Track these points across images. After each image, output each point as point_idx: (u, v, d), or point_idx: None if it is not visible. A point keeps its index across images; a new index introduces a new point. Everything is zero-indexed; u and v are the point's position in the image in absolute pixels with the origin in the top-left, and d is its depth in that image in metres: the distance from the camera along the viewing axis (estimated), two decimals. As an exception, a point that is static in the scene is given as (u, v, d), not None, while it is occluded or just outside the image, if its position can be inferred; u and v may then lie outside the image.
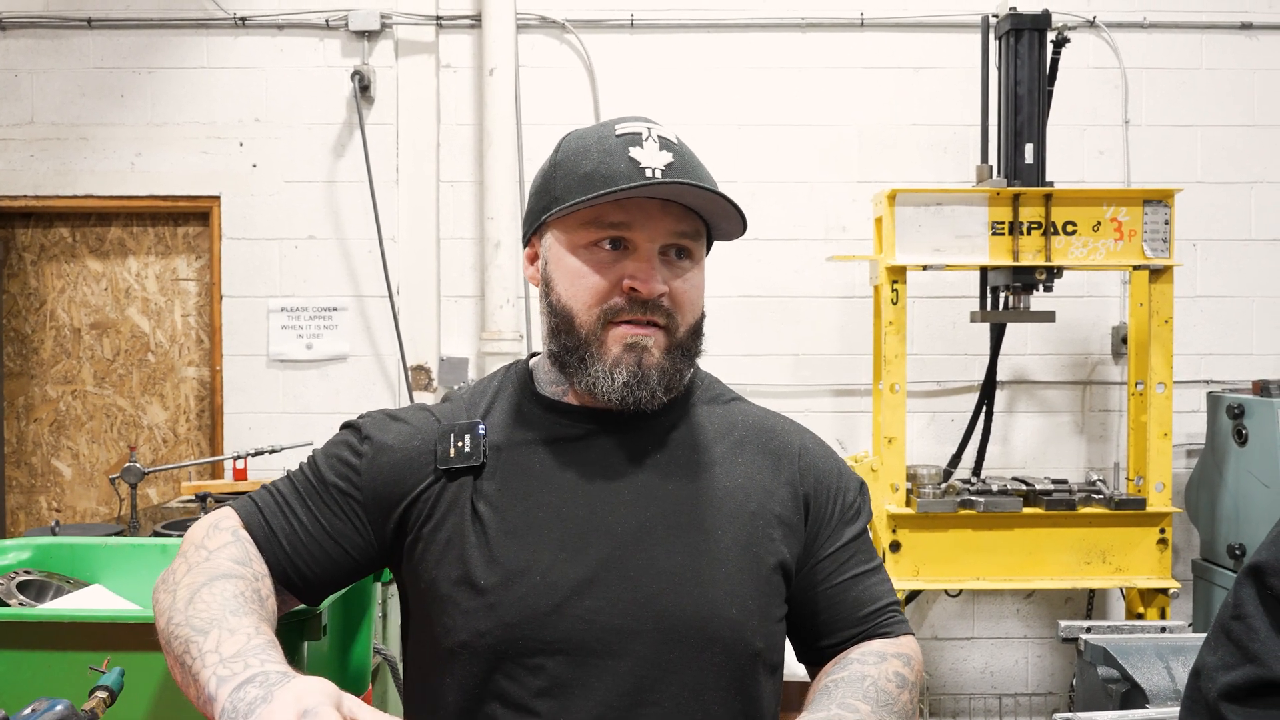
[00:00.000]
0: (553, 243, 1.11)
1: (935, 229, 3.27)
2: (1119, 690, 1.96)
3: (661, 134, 1.09)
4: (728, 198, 1.05)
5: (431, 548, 1.08)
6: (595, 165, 1.06)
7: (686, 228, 1.08)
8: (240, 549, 1.07)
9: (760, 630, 1.07)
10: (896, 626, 1.13)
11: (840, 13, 3.92)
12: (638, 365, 1.06)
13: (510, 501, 1.07)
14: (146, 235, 4.05)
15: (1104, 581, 3.38)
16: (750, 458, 1.14)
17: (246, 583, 1.02)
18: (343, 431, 1.17)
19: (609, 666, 1.02)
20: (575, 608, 1.03)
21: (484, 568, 1.04)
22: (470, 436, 1.10)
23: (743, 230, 1.11)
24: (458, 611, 1.04)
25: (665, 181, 1.03)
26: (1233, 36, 3.96)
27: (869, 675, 1.06)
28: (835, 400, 3.95)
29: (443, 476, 1.09)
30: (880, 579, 1.15)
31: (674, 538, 1.06)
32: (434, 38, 3.91)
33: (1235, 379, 3.88)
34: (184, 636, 0.94)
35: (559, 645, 1.02)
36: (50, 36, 3.91)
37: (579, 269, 1.08)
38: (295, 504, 1.11)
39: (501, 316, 3.81)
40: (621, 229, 1.06)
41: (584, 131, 1.13)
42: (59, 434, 4.07)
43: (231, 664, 0.88)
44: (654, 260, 1.06)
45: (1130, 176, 3.93)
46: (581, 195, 1.05)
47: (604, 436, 1.11)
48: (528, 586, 1.03)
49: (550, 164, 1.13)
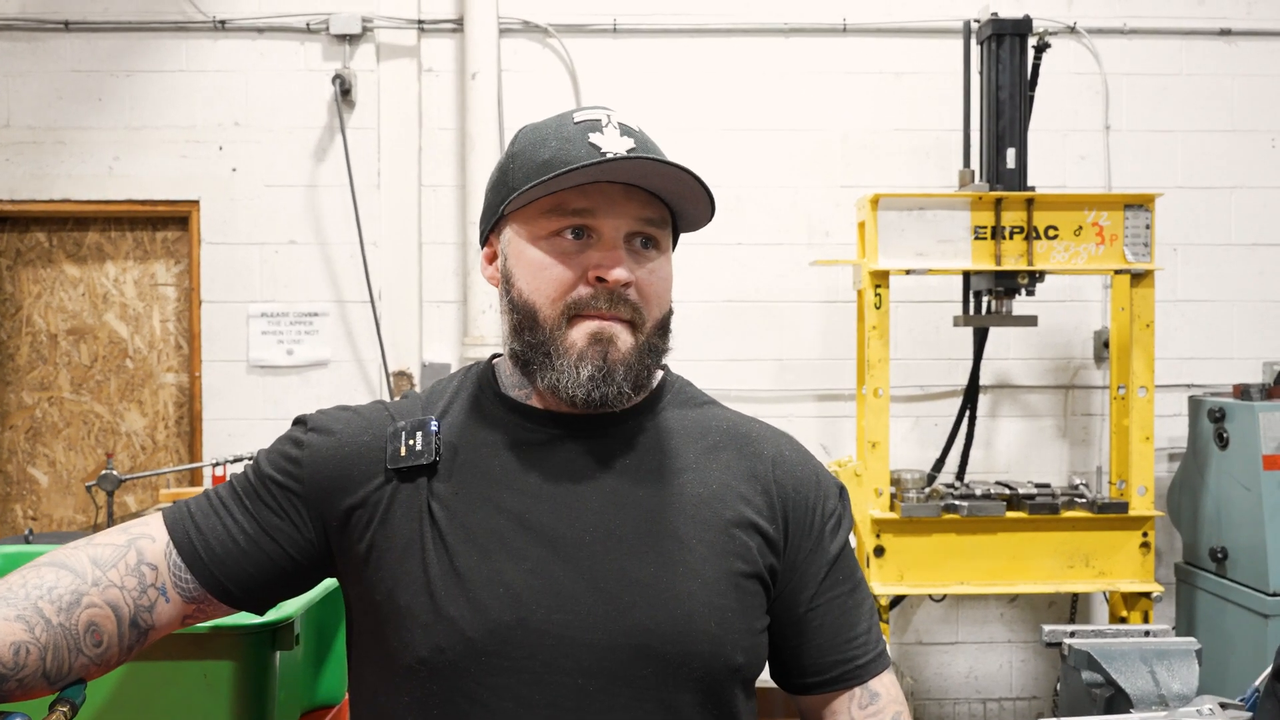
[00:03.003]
0: (512, 237, 1.06)
1: (918, 233, 3.28)
2: (1103, 695, 1.96)
3: (621, 120, 1.04)
4: (695, 175, 1.00)
5: (386, 556, 1.01)
6: (554, 152, 1.01)
7: (652, 214, 1.03)
8: (115, 554, 1.00)
9: (741, 644, 1.02)
10: (875, 662, 1.09)
11: (823, 18, 3.92)
12: (603, 359, 1.01)
13: (469, 507, 1.02)
14: (125, 240, 4.01)
15: (1087, 585, 3.38)
16: (725, 463, 1.08)
17: (71, 580, 0.96)
18: (291, 428, 1.12)
19: (578, 685, 0.96)
20: (542, 621, 0.96)
21: (444, 579, 0.98)
22: (421, 434, 1.04)
23: (711, 214, 1.06)
24: (416, 625, 0.97)
25: (628, 157, 0.99)
26: (1212, 43, 3.98)
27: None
28: (819, 405, 3.94)
29: (394, 477, 1.03)
30: (859, 600, 1.11)
31: (646, 547, 1.00)
32: (416, 42, 3.89)
33: (1216, 383, 3.90)
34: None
35: (525, 662, 0.96)
36: (26, 39, 3.87)
37: (541, 260, 1.02)
38: (232, 504, 1.05)
39: (484, 321, 3.79)
40: (584, 216, 1.01)
41: (540, 123, 1.07)
42: (35, 441, 4.02)
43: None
44: (620, 248, 1.01)
45: (1111, 181, 3.95)
46: (539, 179, 1.00)
47: (570, 441, 1.05)
48: (491, 599, 0.97)
49: (506, 157, 1.08)
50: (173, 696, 1.34)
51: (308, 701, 1.62)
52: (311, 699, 1.64)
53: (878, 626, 1.13)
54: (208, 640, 1.35)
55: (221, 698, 1.35)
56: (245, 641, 1.36)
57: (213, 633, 1.35)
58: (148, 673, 1.34)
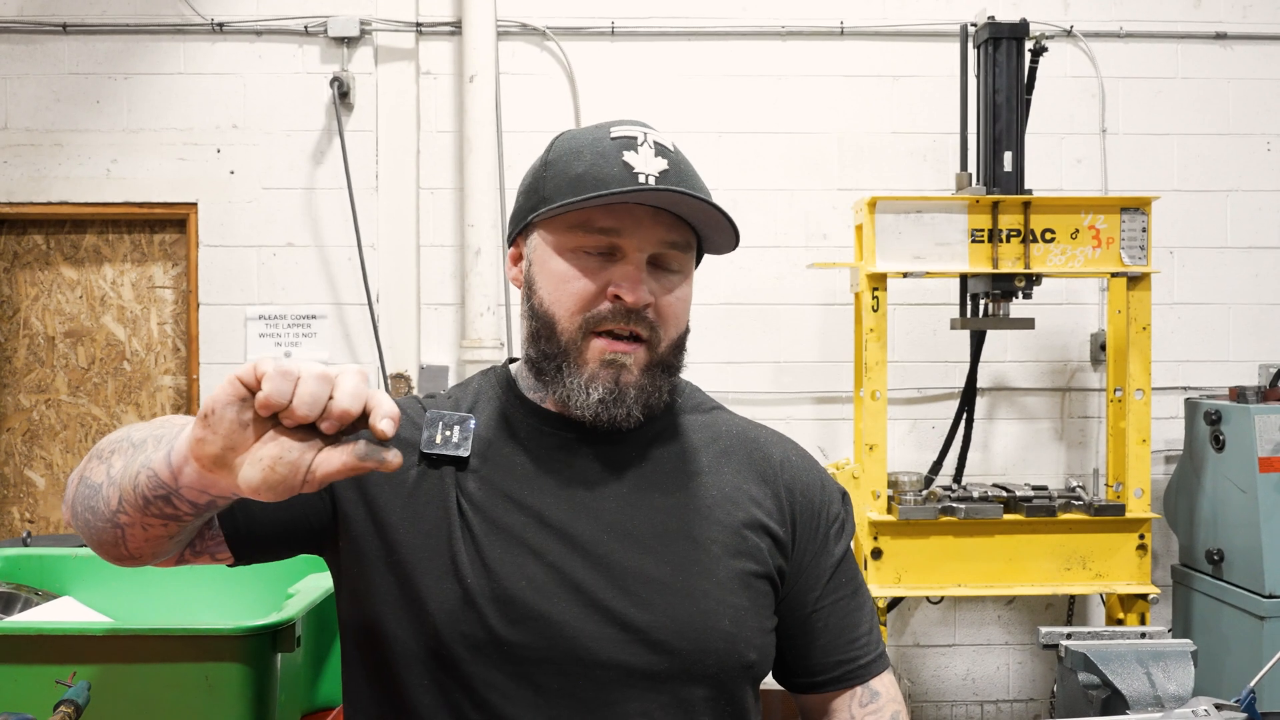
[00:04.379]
0: (539, 244, 1.08)
1: (915, 236, 3.28)
2: (1099, 696, 1.96)
3: (658, 139, 1.06)
4: (722, 209, 1.02)
5: (409, 536, 1.03)
6: (588, 167, 1.03)
7: (677, 238, 1.06)
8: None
9: (754, 642, 1.06)
10: (876, 663, 1.14)
11: (820, 21, 3.93)
12: (615, 382, 1.04)
13: (494, 503, 1.04)
14: (122, 242, 4.01)
15: (1084, 587, 3.39)
16: (735, 468, 1.12)
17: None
18: None
19: (595, 676, 1.00)
20: (562, 615, 1.00)
21: (471, 568, 1.01)
22: (460, 428, 1.06)
23: (734, 245, 1.09)
24: (441, 610, 1.00)
25: (658, 188, 1.00)
26: (1207, 46, 4.00)
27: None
28: (816, 407, 3.95)
29: (423, 460, 1.06)
30: (860, 602, 1.15)
31: (663, 547, 1.04)
32: (414, 44, 3.90)
33: (1212, 385, 3.91)
34: (106, 447, 0.91)
35: (545, 653, 1.00)
36: (24, 42, 3.87)
37: (565, 272, 1.04)
38: None
39: (482, 324, 3.79)
40: (611, 235, 1.03)
41: (578, 132, 1.10)
42: (32, 444, 4.01)
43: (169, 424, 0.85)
44: (642, 269, 1.04)
45: (1108, 184, 3.96)
46: (572, 197, 1.02)
47: (586, 445, 1.08)
48: (516, 592, 1.00)
49: (541, 163, 1.10)
50: (175, 699, 1.35)
51: (308, 703, 1.63)
52: (311, 701, 1.64)
53: (878, 627, 1.17)
54: (210, 643, 1.36)
55: (223, 700, 1.35)
56: (247, 644, 1.37)
57: (215, 635, 1.35)
58: (149, 675, 1.34)
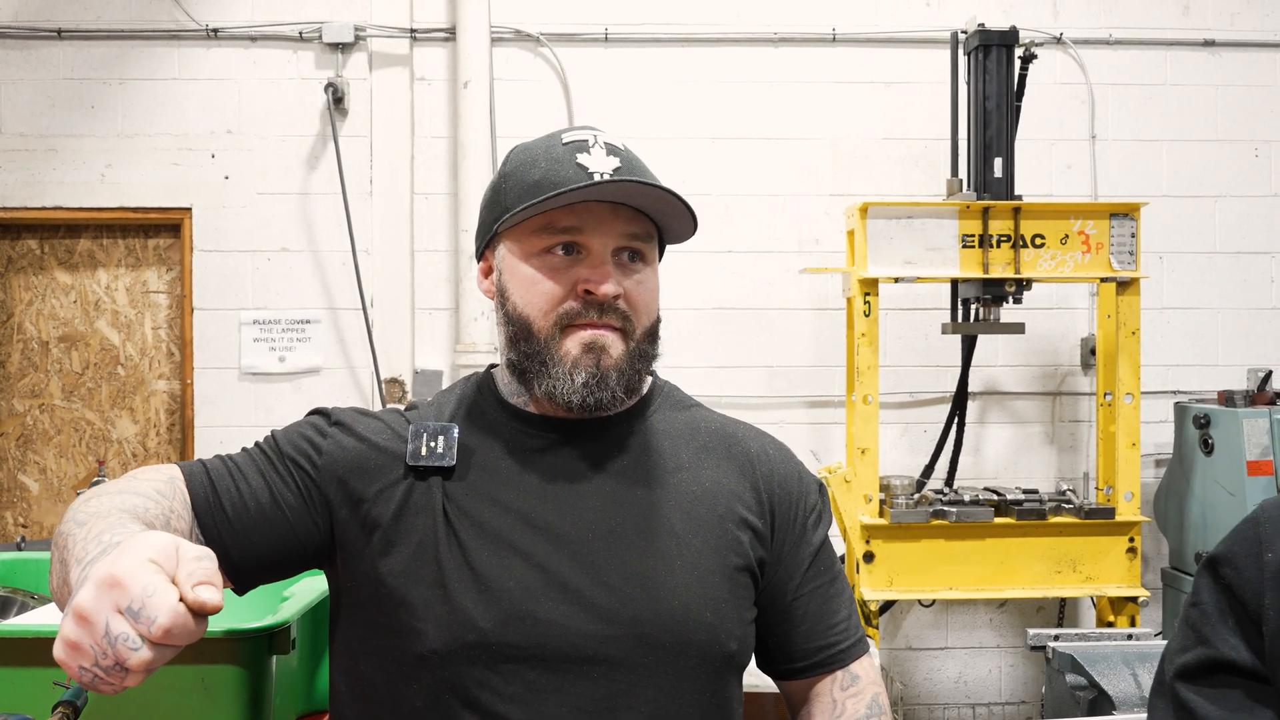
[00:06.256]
0: (506, 253, 1.12)
1: (906, 242, 3.31)
2: (1086, 697, 1.98)
3: (608, 140, 1.10)
4: (676, 194, 1.06)
5: (401, 549, 1.06)
6: (544, 173, 1.07)
7: (638, 229, 1.10)
8: (170, 487, 1.03)
9: (734, 633, 1.09)
10: (855, 647, 1.17)
11: (812, 28, 3.96)
12: (596, 365, 1.07)
13: (479, 506, 1.07)
14: (117, 247, 4.01)
15: (1074, 590, 3.41)
16: (715, 462, 1.15)
17: (156, 505, 0.98)
18: (310, 415, 1.15)
19: (583, 672, 1.02)
20: (550, 613, 1.03)
21: (458, 573, 1.04)
22: (444, 438, 1.09)
23: (694, 229, 1.12)
24: (430, 616, 1.03)
25: (612, 180, 1.04)
26: (1196, 54, 4.03)
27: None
28: (809, 412, 3.97)
29: (410, 474, 1.08)
30: (839, 589, 1.18)
31: (645, 542, 1.07)
32: (408, 50, 3.91)
33: (1201, 389, 3.94)
34: (65, 532, 0.91)
35: (533, 651, 1.02)
36: (19, 47, 3.87)
37: (533, 276, 1.08)
38: (247, 469, 1.08)
39: (476, 329, 3.80)
40: (573, 233, 1.07)
41: (531, 143, 1.14)
42: (26, 448, 4.01)
43: (97, 540, 0.83)
44: (608, 262, 1.08)
45: (1097, 190, 3.99)
46: (530, 201, 1.06)
47: (567, 445, 1.11)
48: (502, 591, 1.03)
49: (499, 176, 1.14)
50: (171, 701, 1.36)
51: (303, 705, 1.64)
52: (307, 703, 1.65)
53: (856, 613, 1.21)
54: (206, 645, 1.36)
55: (219, 702, 1.36)
56: (243, 646, 1.38)
57: (211, 638, 1.36)
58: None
